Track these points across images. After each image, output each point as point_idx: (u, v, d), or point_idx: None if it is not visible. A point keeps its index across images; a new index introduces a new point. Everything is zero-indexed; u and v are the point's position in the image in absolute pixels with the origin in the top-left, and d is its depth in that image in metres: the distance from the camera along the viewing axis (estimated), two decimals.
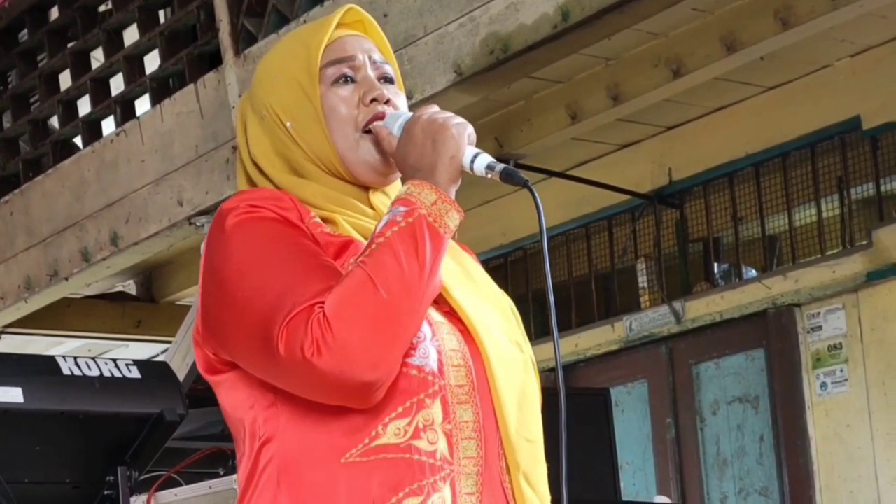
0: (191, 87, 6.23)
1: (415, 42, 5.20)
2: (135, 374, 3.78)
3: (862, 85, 6.17)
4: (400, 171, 2.00)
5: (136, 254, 6.75)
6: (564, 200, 7.12)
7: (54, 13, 7.45)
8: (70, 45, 7.20)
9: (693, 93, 6.32)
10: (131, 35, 6.88)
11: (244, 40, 6.04)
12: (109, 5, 7.01)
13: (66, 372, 3.68)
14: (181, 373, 4.62)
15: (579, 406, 5.39)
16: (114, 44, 6.90)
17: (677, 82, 6.04)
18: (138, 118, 6.59)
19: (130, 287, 8.78)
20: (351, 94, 2.04)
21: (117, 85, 6.95)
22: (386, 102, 2.04)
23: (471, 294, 2.00)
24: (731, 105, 6.63)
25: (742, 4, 5.64)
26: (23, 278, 7.23)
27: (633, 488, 6.89)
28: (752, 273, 6.72)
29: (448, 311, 1.97)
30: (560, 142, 6.73)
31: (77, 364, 3.71)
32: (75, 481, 3.78)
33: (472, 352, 1.95)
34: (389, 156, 2.01)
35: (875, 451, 6.11)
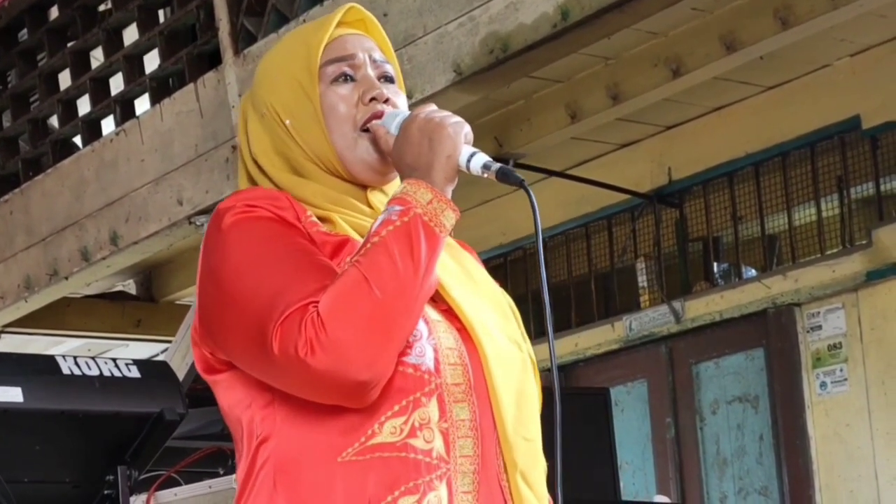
0: (190, 86, 6.24)
1: (414, 41, 5.21)
2: (134, 373, 3.78)
3: (862, 84, 6.17)
4: (397, 170, 1.99)
5: (136, 253, 6.75)
6: (564, 200, 7.11)
7: (54, 12, 7.45)
8: (70, 45, 7.20)
9: (693, 92, 6.32)
10: (131, 34, 6.88)
11: (244, 40, 6.04)
12: (109, 5, 7.01)
13: (65, 371, 3.68)
14: (181, 372, 4.62)
15: (579, 406, 5.39)
16: (113, 43, 6.90)
17: (677, 82, 6.03)
18: (138, 118, 6.59)
19: (130, 286, 8.78)
20: (350, 93, 2.04)
21: (117, 84, 6.95)
22: (385, 101, 2.03)
23: (469, 292, 1.99)
24: (730, 105, 6.63)
25: (742, 4, 5.63)
26: (22, 278, 7.23)
27: (632, 488, 6.88)
28: (752, 273, 6.72)
29: (446, 309, 1.96)
30: (559, 141, 6.73)
31: (77, 363, 3.71)
32: (75, 481, 3.78)
33: (470, 350, 1.95)
34: (387, 154, 2.01)
35: (875, 451, 6.11)
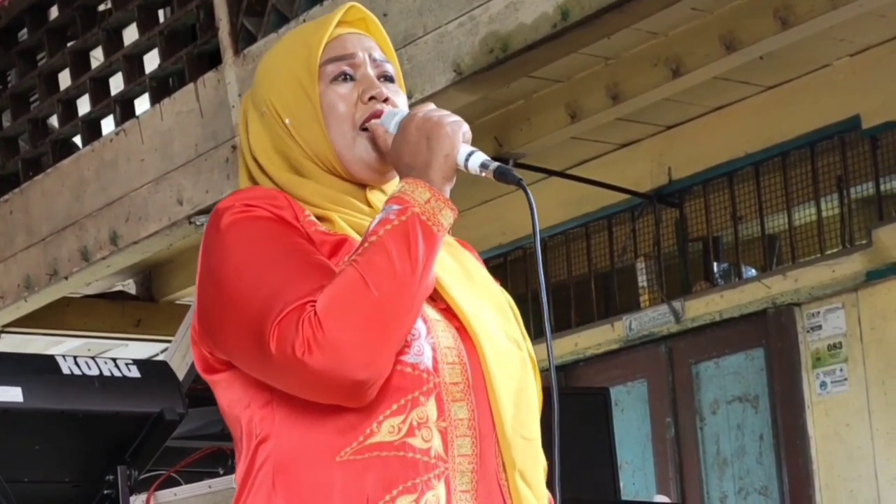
0: (190, 86, 6.24)
1: (414, 41, 5.21)
2: (134, 373, 3.78)
3: (861, 84, 6.17)
4: (395, 169, 1.98)
5: (136, 253, 6.75)
6: (564, 200, 7.11)
7: (54, 12, 7.45)
8: (70, 45, 7.21)
9: (692, 92, 6.32)
10: (131, 34, 6.88)
11: (244, 39, 6.04)
12: (109, 4, 7.02)
13: (65, 371, 3.68)
14: (181, 372, 4.61)
15: (579, 405, 5.39)
16: (113, 43, 6.91)
17: (677, 81, 6.03)
18: (138, 117, 6.59)
19: (130, 286, 8.78)
20: (350, 92, 2.04)
21: (117, 84, 6.95)
22: (385, 100, 2.03)
23: (467, 291, 1.99)
24: (730, 104, 6.63)
25: (741, 4, 5.64)
26: (22, 277, 7.23)
27: (632, 488, 6.88)
28: (752, 272, 6.72)
29: (444, 308, 1.96)
30: (559, 141, 6.73)
31: (77, 363, 3.70)
32: (75, 480, 3.77)
33: (468, 349, 1.95)
34: (385, 154, 2.00)
35: (875, 451, 6.10)
